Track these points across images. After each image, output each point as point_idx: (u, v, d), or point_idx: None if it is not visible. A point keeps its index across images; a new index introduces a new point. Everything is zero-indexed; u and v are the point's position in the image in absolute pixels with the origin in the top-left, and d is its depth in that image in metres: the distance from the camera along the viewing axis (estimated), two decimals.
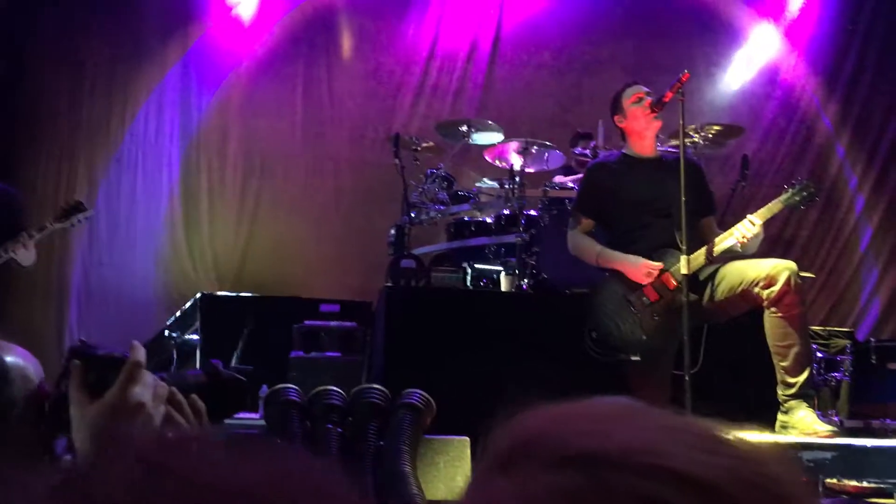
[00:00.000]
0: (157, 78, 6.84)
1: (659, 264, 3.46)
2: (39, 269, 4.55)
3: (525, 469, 0.50)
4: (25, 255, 4.13)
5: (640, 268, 3.47)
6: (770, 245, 5.62)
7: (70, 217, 4.28)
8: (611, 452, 0.49)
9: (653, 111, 3.60)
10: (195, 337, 5.99)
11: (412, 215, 5.39)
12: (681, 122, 3.55)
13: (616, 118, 3.75)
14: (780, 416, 3.38)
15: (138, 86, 6.80)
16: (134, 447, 0.52)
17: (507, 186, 5.26)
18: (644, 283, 3.47)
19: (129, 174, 6.78)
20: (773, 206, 3.50)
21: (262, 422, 3.47)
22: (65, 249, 6.31)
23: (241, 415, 4.28)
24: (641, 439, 0.50)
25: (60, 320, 6.38)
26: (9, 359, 1.26)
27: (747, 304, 3.44)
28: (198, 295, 6.14)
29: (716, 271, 3.48)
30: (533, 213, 5.17)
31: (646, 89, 3.70)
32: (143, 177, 6.80)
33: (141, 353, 1.12)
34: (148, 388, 1.10)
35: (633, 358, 3.47)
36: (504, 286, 5.05)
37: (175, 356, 5.98)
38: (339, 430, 2.92)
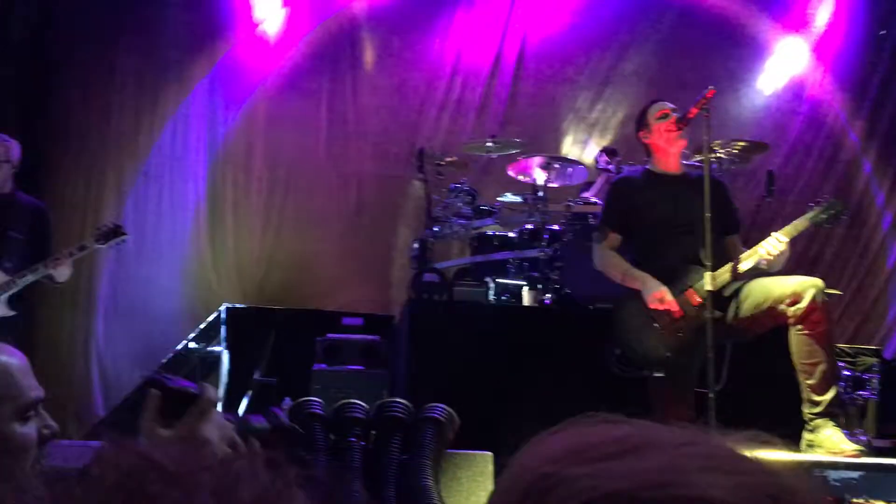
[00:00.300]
0: (184, 93, 6.93)
1: (673, 304, 3.44)
2: (68, 280, 4.62)
3: None
4: (62, 272, 4.22)
5: (654, 294, 3.45)
6: (796, 262, 5.57)
7: (110, 239, 4.36)
8: (638, 490, 0.49)
9: (678, 128, 3.60)
10: (219, 349, 6.05)
11: (435, 229, 5.41)
12: (705, 138, 3.54)
13: (641, 134, 3.76)
14: (805, 435, 3.35)
15: (166, 100, 6.88)
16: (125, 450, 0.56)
17: (530, 201, 5.27)
18: (652, 307, 3.45)
19: (156, 187, 6.86)
20: (800, 224, 3.48)
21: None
22: (93, 261, 6.38)
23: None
24: (664, 471, 0.51)
25: (87, 331, 6.45)
26: None
27: (773, 322, 3.42)
28: (222, 307, 6.20)
29: (741, 288, 3.46)
30: (556, 227, 5.18)
31: (671, 106, 3.70)
32: (170, 190, 6.87)
33: (213, 392, 1.16)
34: (216, 427, 1.14)
35: (657, 374, 3.46)
36: (527, 301, 5.05)
37: (198, 368, 6.04)
38: (363, 443, 2.93)
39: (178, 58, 6.88)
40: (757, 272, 3.49)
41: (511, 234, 5.42)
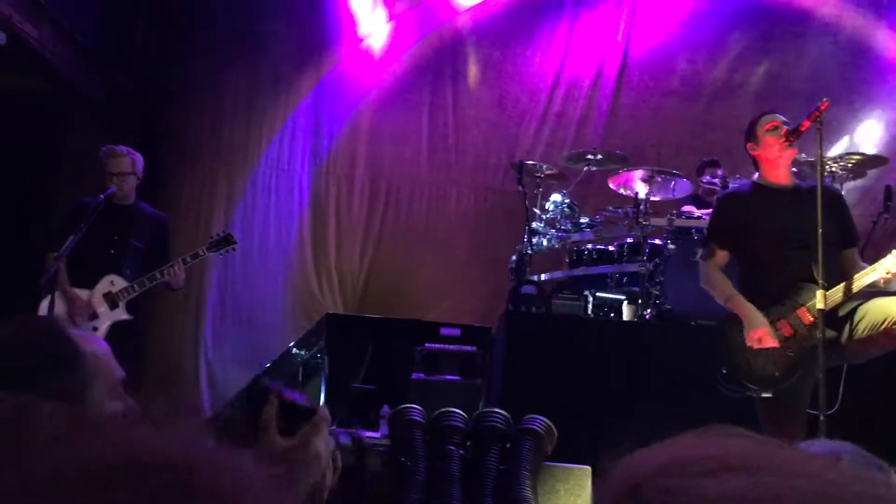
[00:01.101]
0: (291, 106, 7.17)
1: (773, 342, 3.31)
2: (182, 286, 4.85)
3: None
4: (177, 279, 4.43)
5: (754, 333, 3.33)
6: None
7: (221, 247, 4.55)
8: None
9: (788, 140, 3.47)
10: (320, 355, 6.19)
11: (534, 242, 5.40)
12: (819, 151, 3.41)
13: (749, 145, 3.65)
14: None
15: (274, 113, 7.14)
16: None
17: (631, 215, 5.20)
18: (751, 346, 3.33)
19: (263, 197, 7.11)
20: None
21: (384, 440, 3.54)
22: (202, 268, 6.66)
23: (362, 433, 4.38)
24: (756, 498, 0.49)
25: (197, 335, 6.73)
26: (85, 348, 1.41)
27: (892, 343, 3.25)
28: (324, 315, 6.36)
29: (857, 307, 3.30)
30: (658, 241, 5.08)
31: (782, 118, 3.56)
32: (276, 200, 7.12)
33: (327, 413, 1.28)
34: (325, 442, 1.26)
35: (765, 395, 3.34)
36: (626, 315, 4.97)
37: (301, 373, 6.20)
38: (461, 451, 2.95)
39: (286, 73, 7.13)
40: (875, 291, 3.33)
41: (611, 248, 5.35)
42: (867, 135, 6.83)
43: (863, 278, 3.28)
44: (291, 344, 6.41)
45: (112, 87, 6.78)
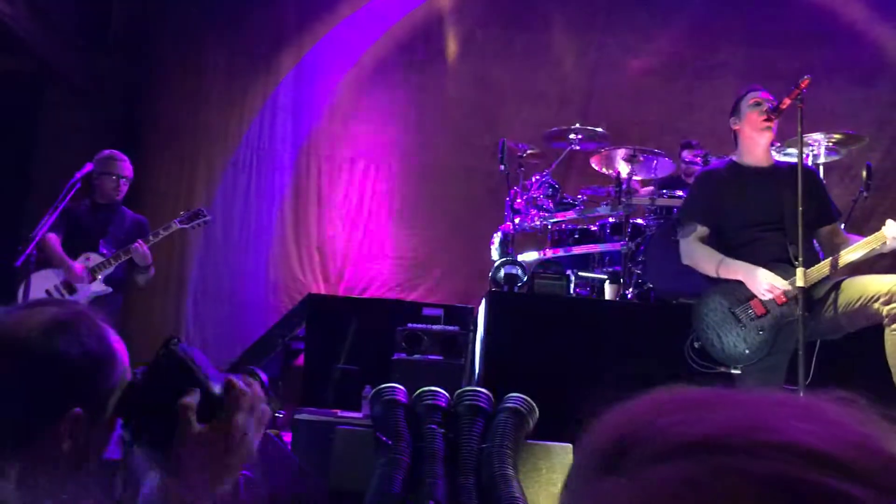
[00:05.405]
0: (271, 85, 7.11)
1: (785, 285, 3.31)
2: (160, 267, 4.84)
3: (633, 465, 0.50)
4: (139, 255, 4.46)
5: (762, 283, 3.32)
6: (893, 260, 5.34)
7: (192, 221, 4.66)
8: (725, 436, 0.48)
9: (768, 118, 3.48)
10: (302, 336, 6.18)
11: (516, 222, 5.39)
12: (799, 129, 3.41)
13: (732, 119, 3.64)
14: None
15: (254, 93, 7.08)
16: None
17: (613, 194, 5.21)
18: (763, 298, 3.34)
19: (244, 178, 7.06)
20: None
21: (366, 420, 3.54)
22: (183, 248, 6.62)
23: (344, 413, 4.38)
24: (755, 418, 0.49)
25: (178, 316, 6.70)
26: (116, 345, 1.23)
27: (866, 321, 3.27)
28: (306, 295, 6.34)
29: (835, 286, 3.33)
30: (640, 221, 5.10)
31: (767, 96, 3.56)
32: (257, 181, 7.07)
33: (240, 385, 1.14)
34: (251, 413, 1.12)
35: (734, 371, 3.37)
36: (609, 295, 4.99)
37: (282, 354, 6.19)
38: (443, 430, 2.96)
39: (266, 52, 7.06)
40: (852, 269, 3.35)
41: (593, 228, 5.36)
42: (848, 113, 6.85)
43: (849, 254, 3.29)
44: (273, 324, 6.39)
45: (89, 66, 6.69)
